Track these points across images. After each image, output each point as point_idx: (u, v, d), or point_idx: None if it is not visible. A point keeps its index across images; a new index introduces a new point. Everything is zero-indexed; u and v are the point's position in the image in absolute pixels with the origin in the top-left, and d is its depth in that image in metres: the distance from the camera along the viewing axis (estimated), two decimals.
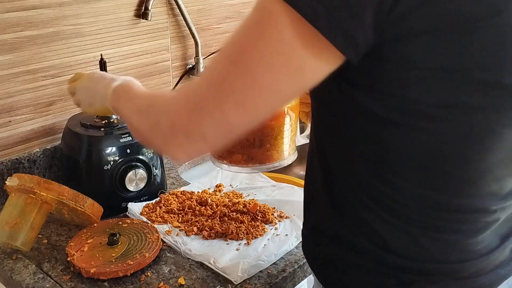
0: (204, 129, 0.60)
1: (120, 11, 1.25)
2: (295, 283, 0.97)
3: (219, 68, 0.60)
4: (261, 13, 0.56)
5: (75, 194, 0.97)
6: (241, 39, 0.58)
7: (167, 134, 0.64)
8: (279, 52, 0.55)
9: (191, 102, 0.60)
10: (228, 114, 0.58)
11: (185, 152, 0.64)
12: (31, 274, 0.92)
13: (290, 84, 0.57)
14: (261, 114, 0.60)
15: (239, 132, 0.61)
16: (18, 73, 1.12)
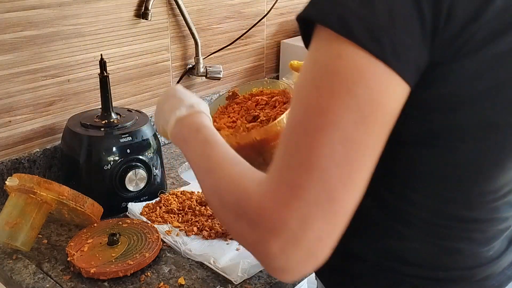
0: (319, 228, 0.48)
1: (120, 11, 1.25)
2: (295, 283, 0.97)
3: (309, 145, 0.48)
4: (331, 61, 0.49)
5: (75, 194, 0.97)
6: (318, 99, 0.49)
7: (278, 254, 0.49)
8: (370, 102, 0.48)
9: (293, 200, 0.48)
10: (338, 197, 0.48)
11: (307, 264, 0.50)
12: (31, 274, 0.92)
13: (384, 133, 0.50)
14: (366, 180, 0.50)
15: (351, 213, 0.50)
16: (18, 73, 1.12)
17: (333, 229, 0.49)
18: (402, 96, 0.50)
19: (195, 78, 1.49)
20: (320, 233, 0.48)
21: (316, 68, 0.50)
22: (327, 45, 0.50)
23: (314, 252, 0.49)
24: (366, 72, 0.48)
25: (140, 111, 1.21)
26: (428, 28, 0.49)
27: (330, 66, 0.49)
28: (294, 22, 1.73)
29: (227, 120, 1.00)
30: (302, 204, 0.48)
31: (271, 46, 1.69)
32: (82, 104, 1.25)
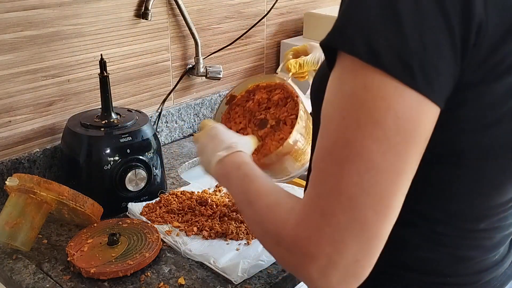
0: (353, 251, 0.50)
1: (120, 11, 1.25)
2: (295, 283, 0.97)
3: (334, 174, 0.50)
4: (355, 93, 0.49)
5: (75, 194, 0.97)
6: (345, 130, 0.50)
7: (317, 278, 0.52)
8: (399, 131, 0.48)
9: (325, 227, 0.51)
10: (369, 222, 0.50)
11: (347, 284, 0.53)
12: (31, 274, 0.92)
13: (418, 159, 0.51)
14: (399, 204, 0.52)
15: (386, 236, 0.52)
16: (18, 73, 1.12)
17: (369, 252, 0.51)
18: (433, 119, 0.51)
19: (195, 78, 1.49)
20: (355, 256, 0.51)
21: (342, 98, 0.50)
22: (352, 75, 0.50)
23: (353, 273, 0.52)
24: (395, 101, 0.48)
25: (140, 111, 1.21)
26: (458, 50, 0.49)
27: (356, 97, 0.49)
28: (294, 22, 1.73)
29: (235, 127, 1.00)
30: (334, 230, 0.50)
31: (271, 46, 1.69)
32: (82, 104, 1.25)
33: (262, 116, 0.99)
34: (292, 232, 0.54)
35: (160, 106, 1.43)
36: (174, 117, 1.46)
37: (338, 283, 0.52)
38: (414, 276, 0.67)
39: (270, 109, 1.00)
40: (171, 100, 1.45)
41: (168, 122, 1.45)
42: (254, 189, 0.66)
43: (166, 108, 1.44)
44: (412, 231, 0.65)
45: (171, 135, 1.47)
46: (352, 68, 0.50)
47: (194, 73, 1.45)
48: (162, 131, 1.44)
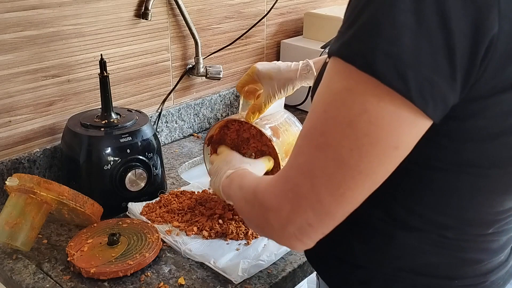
0: (308, 216, 0.58)
1: (120, 11, 1.25)
2: (295, 283, 0.97)
3: (306, 153, 0.57)
4: (340, 93, 0.53)
5: (75, 194, 0.97)
6: (323, 122, 0.55)
7: (278, 229, 0.61)
8: (368, 134, 0.52)
9: (287, 191, 0.59)
10: (324, 201, 0.56)
11: (300, 241, 0.61)
12: (31, 274, 0.92)
13: (385, 164, 0.54)
14: (358, 199, 0.57)
15: (340, 217, 0.58)
16: (18, 73, 1.12)
17: (321, 222, 0.59)
18: (420, 130, 0.53)
19: (195, 78, 1.49)
20: (309, 220, 0.58)
21: (328, 93, 0.55)
22: (342, 75, 0.53)
23: (306, 233, 0.60)
24: (372, 108, 0.51)
25: (140, 111, 1.21)
26: (460, 67, 0.50)
27: (339, 97, 0.53)
28: (294, 22, 1.73)
29: None
30: (295, 196, 0.58)
31: (271, 46, 1.69)
32: (82, 104, 1.25)
33: (245, 150, 1.08)
34: (264, 188, 0.64)
35: (160, 106, 1.43)
36: (174, 117, 1.46)
37: (294, 236, 0.60)
38: (423, 280, 0.68)
39: (250, 142, 1.08)
40: (171, 100, 1.45)
41: (168, 122, 1.45)
42: (246, 179, 0.77)
43: (166, 108, 1.44)
44: (421, 236, 0.66)
45: (171, 135, 1.47)
46: (342, 69, 0.53)
47: (194, 73, 1.45)
48: (162, 131, 1.44)
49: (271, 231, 0.63)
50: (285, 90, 0.97)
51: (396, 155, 0.54)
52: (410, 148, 0.54)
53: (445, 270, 0.67)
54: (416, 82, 0.49)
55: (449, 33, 0.48)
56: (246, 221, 0.74)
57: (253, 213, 0.68)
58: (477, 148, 0.58)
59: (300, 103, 1.64)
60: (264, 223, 0.64)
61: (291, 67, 0.97)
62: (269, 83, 0.96)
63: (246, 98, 1.05)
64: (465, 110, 0.54)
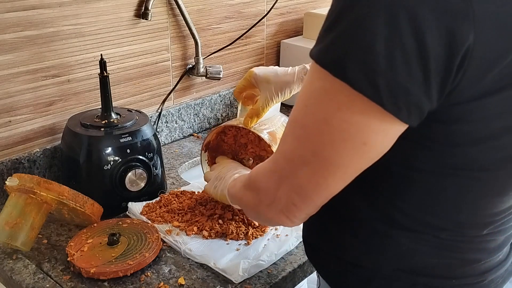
0: (291, 196, 0.64)
1: (120, 11, 1.25)
2: (295, 283, 0.97)
3: (288, 142, 0.63)
4: (319, 91, 0.57)
5: (75, 194, 0.97)
6: (303, 116, 0.60)
7: (267, 205, 0.68)
8: (340, 131, 0.56)
9: (273, 173, 0.66)
10: (303, 185, 0.62)
11: (287, 218, 0.67)
12: (31, 274, 0.92)
13: (355, 159, 0.58)
14: (333, 188, 0.62)
15: (318, 201, 0.64)
16: (18, 73, 1.12)
17: (304, 203, 0.64)
18: (394, 132, 0.56)
19: (195, 78, 1.49)
20: (293, 200, 0.64)
21: (309, 92, 0.59)
22: (319, 76, 0.57)
23: (290, 211, 0.65)
24: (345, 107, 0.55)
25: (140, 111, 1.21)
26: (434, 75, 0.51)
27: (317, 94, 0.58)
28: (294, 22, 1.73)
29: None
30: (279, 177, 0.65)
31: (271, 46, 1.69)
32: (82, 104, 1.25)
33: (242, 156, 1.09)
34: (256, 171, 0.72)
35: (160, 106, 1.43)
36: (174, 117, 1.46)
37: (280, 212, 0.66)
38: (421, 280, 0.68)
39: (248, 147, 1.08)
40: (171, 100, 1.45)
41: (168, 122, 1.45)
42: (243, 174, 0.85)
43: (166, 108, 1.44)
44: (418, 237, 0.66)
45: (171, 135, 1.47)
46: (319, 71, 0.56)
47: (194, 73, 1.45)
48: (162, 131, 1.44)
49: (263, 209, 0.69)
50: (283, 94, 0.98)
51: (365, 151, 0.57)
52: (383, 146, 0.57)
53: (443, 270, 0.68)
54: (388, 89, 0.51)
55: (422, 42, 0.50)
56: (245, 209, 0.79)
57: (249, 195, 0.73)
58: (464, 151, 0.59)
59: None
60: (256, 203, 0.70)
61: (288, 71, 0.98)
62: (266, 87, 0.97)
63: (244, 104, 1.05)
64: (448, 114, 0.56)
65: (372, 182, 0.65)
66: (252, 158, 1.08)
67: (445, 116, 0.56)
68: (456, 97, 0.54)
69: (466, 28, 0.49)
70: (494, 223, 0.67)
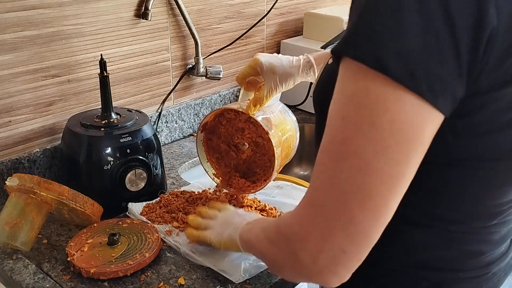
0: (339, 241, 0.54)
1: (120, 11, 1.25)
2: (295, 283, 0.97)
3: (329, 168, 0.54)
4: (358, 95, 0.52)
5: (75, 194, 0.97)
6: (343, 129, 0.53)
7: (309, 263, 0.57)
8: (393, 134, 0.50)
9: (314, 216, 0.56)
10: (356, 217, 0.53)
11: (334, 273, 0.57)
12: (31, 274, 0.92)
13: (414, 163, 0.53)
14: (391, 208, 0.54)
15: (375, 235, 0.55)
16: (18, 73, 1.12)
17: (355, 245, 0.55)
18: (435, 125, 0.53)
19: (195, 78, 1.49)
20: (342, 246, 0.54)
21: (344, 99, 0.53)
22: (355, 78, 0.52)
23: (340, 262, 0.55)
24: (392, 105, 0.50)
25: (140, 111, 1.21)
26: (465, 61, 0.51)
27: (356, 99, 0.52)
28: (294, 22, 1.73)
29: (219, 153, 1.14)
30: (322, 220, 0.55)
31: (271, 46, 1.69)
32: (82, 104, 1.25)
33: (238, 140, 1.09)
34: (288, 221, 0.60)
35: (160, 106, 1.43)
36: (174, 117, 1.46)
37: (327, 268, 0.56)
38: (428, 274, 0.69)
39: (244, 132, 1.08)
40: (171, 100, 1.45)
41: (168, 122, 1.45)
42: (261, 222, 0.76)
43: (166, 108, 1.44)
44: (428, 232, 0.66)
45: (171, 135, 1.47)
46: (355, 72, 0.52)
47: (194, 73, 1.45)
48: (162, 131, 1.44)
49: (301, 268, 0.59)
50: (287, 85, 0.98)
51: (421, 152, 0.53)
52: (429, 142, 0.53)
53: (449, 263, 0.68)
54: (425, 78, 0.50)
55: (453, 28, 0.49)
56: (272, 266, 0.68)
57: (278, 252, 0.63)
58: (482, 142, 0.58)
59: (300, 103, 1.64)
60: (292, 261, 0.59)
61: (293, 62, 0.98)
62: (271, 76, 0.97)
63: (246, 89, 1.05)
64: (468, 105, 0.55)
65: None
66: (248, 144, 1.08)
67: (465, 107, 0.54)
68: (478, 85, 0.53)
69: (491, 12, 0.50)
70: (501, 213, 0.67)
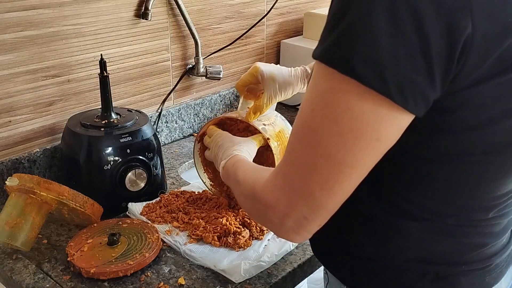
0: (302, 210, 0.62)
1: (120, 11, 1.25)
2: (295, 283, 0.97)
3: (298, 151, 0.61)
4: (325, 93, 0.57)
5: (75, 194, 0.97)
6: (311, 120, 0.59)
7: (277, 223, 0.65)
8: (352, 129, 0.56)
9: (283, 187, 0.63)
10: (316, 194, 0.60)
11: (297, 234, 0.65)
12: (31, 274, 0.92)
13: (369, 156, 0.58)
14: (347, 190, 0.60)
15: (333, 208, 0.62)
16: (18, 73, 1.12)
17: (315, 214, 0.62)
18: (402, 124, 0.57)
19: (195, 78, 1.49)
20: (304, 214, 0.62)
21: (315, 93, 0.59)
22: (326, 78, 0.57)
23: (303, 226, 0.63)
24: (354, 105, 0.55)
25: (140, 111, 1.21)
26: (437, 65, 0.53)
27: (325, 96, 0.57)
28: (294, 22, 1.73)
29: None
30: (290, 191, 0.62)
31: (271, 46, 1.69)
32: (82, 104, 1.25)
33: None
34: (262, 186, 0.68)
35: (160, 106, 1.43)
36: (174, 117, 1.46)
37: (292, 230, 0.64)
38: (431, 268, 0.70)
39: None
40: (171, 100, 1.45)
41: (168, 122, 1.45)
42: (241, 172, 0.80)
43: (166, 108, 1.44)
44: (426, 226, 0.68)
45: (171, 135, 1.47)
46: (326, 73, 0.57)
47: (194, 73, 1.45)
48: (162, 131, 1.44)
49: (270, 225, 0.68)
50: (286, 93, 1.00)
51: (378, 147, 0.57)
52: (393, 139, 0.58)
53: (452, 256, 0.69)
54: (395, 82, 0.53)
55: (423, 35, 0.52)
56: (247, 212, 0.80)
57: (253, 208, 0.72)
58: (470, 137, 0.60)
59: (300, 103, 1.64)
60: (263, 218, 0.68)
61: (292, 72, 1.00)
62: (271, 85, 0.98)
63: (246, 98, 1.06)
64: (449, 102, 0.57)
65: (378, 175, 0.65)
66: None
67: (447, 104, 0.57)
68: (457, 84, 0.55)
69: (464, 18, 0.51)
70: (498, 206, 0.68)
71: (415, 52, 0.52)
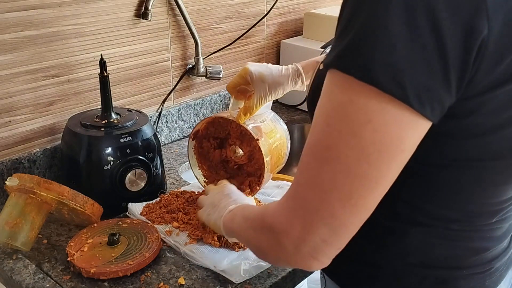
0: (321, 232, 0.58)
1: (120, 11, 1.25)
2: (295, 283, 0.97)
3: (313, 168, 0.58)
4: (343, 106, 0.54)
5: (75, 194, 0.97)
6: (327, 136, 0.56)
7: (291, 250, 0.61)
8: (374, 143, 0.53)
9: (297, 209, 0.59)
10: (337, 213, 0.56)
11: (315, 259, 0.60)
12: (31, 274, 0.92)
13: (394, 168, 0.56)
14: (370, 206, 0.57)
15: (354, 228, 0.59)
16: (18, 73, 1.12)
17: (335, 236, 0.58)
18: (421, 131, 0.55)
19: (195, 78, 1.49)
20: (323, 236, 0.58)
21: (330, 107, 0.56)
22: (342, 88, 0.54)
23: (321, 250, 0.59)
24: (375, 116, 0.52)
25: (140, 111, 1.21)
26: (454, 71, 0.52)
27: (341, 109, 0.54)
28: (294, 22, 1.73)
29: (214, 160, 1.15)
30: (305, 212, 0.58)
31: (271, 46, 1.69)
32: (82, 104, 1.25)
33: (232, 143, 1.12)
34: (272, 211, 0.64)
35: (160, 106, 1.43)
36: (174, 117, 1.46)
37: (309, 255, 0.60)
38: (432, 272, 0.69)
39: (237, 141, 1.11)
40: (171, 100, 1.45)
41: (168, 122, 1.45)
42: (248, 208, 0.79)
43: (166, 108, 1.44)
44: (428, 231, 0.67)
45: (171, 135, 1.47)
46: (342, 82, 0.54)
47: (194, 73, 1.45)
48: (162, 131, 1.44)
49: (285, 255, 0.62)
50: (276, 93, 1.00)
51: (402, 158, 0.55)
52: (413, 149, 0.56)
53: (453, 261, 0.69)
54: (413, 88, 0.51)
55: (441, 39, 0.50)
56: (256, 252, 0.71)
57: (263, 240, 0.66)
58: (478, 143, 0.59)
59: (300, 103, 1.64)
60: (276, 249, 0.63)
61: (282, 71, 0.99)
62: (261, 85, 0.98)
63: (237, 98, 1.06)
64: (463, 108, 0.56)
65: None
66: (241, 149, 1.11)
67: (458, 110, 0.56)
68: (470, 90, 0.54)
69: (481, 21, 0.51)
70: (502, 210, 0.68)
71: (432, 57, 0.51)
